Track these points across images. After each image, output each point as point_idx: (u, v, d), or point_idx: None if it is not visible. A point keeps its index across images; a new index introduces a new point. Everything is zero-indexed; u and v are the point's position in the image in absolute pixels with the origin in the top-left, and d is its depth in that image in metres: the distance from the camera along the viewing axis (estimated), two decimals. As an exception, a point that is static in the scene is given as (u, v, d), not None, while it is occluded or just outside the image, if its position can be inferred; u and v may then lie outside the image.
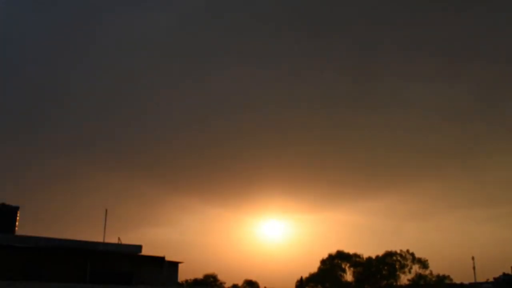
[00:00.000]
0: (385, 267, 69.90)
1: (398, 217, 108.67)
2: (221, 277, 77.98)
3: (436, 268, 68.53)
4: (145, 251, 34.84)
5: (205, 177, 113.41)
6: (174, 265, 35.30)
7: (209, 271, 77.45)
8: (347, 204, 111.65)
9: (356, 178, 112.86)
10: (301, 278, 73.81)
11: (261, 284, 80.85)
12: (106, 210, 38.50)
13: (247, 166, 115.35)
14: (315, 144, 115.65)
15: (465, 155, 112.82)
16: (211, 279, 76.77)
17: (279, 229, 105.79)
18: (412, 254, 69.00)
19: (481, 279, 69.90)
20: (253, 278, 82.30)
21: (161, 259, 33.48)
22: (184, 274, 70.87)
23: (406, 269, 68.60)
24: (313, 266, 72.97)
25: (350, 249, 72.19)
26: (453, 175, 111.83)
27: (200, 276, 76.62)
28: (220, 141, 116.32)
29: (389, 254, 69.94)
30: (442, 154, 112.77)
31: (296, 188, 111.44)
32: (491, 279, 71.43)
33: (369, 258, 70.78)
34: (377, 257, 70.50)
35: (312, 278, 72.57)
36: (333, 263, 71.43)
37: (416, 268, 68.44)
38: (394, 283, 68.89)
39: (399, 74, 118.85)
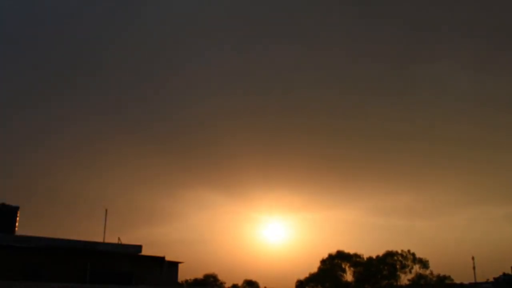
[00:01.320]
0: (386, 267, 69.87)
1: (411, 215, 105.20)
2: (221, 277, 78.09)
3: (437, 268, 68.61)
4: (148, 250, 34.99)
5: (209, 171, 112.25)
6: (174, 265, 35.25)
7: (209, 271, 77.58)
8: (356, 202, 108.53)
9: (370, 172, 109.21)
10: (301, 281, 73.76)
11: (261, 284, 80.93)
12: (106, 210, 38.54)
13: (256, 156, 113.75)
14: (330, 133, 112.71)
15: (493, 149, 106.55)
16: (211, 279, 76.79)
17: (281, 227, 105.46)
18: (413, 254, 69.03)
19: (481, 279, 69.88)
20: (253, 278, 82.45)
21: (161, 259, 33.42)
22: (184, 274, 71.01)
23: (407, 269, 68.63)
24: (314, 266, 73.05)
25: (358, 248, 72.19)
26: (475, 170, 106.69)
27: (200, 276, 76.74)
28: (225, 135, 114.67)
29: (389, 254, 69.93)
30: (466, 147, 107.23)
31: (303, 183, 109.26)
32: (491, 279, 71.37)
33: (370, 258, 70.77)
34: (377, 257, 70.49)
35: (312, 278, 72.55)
36: (333, 263, 71.42)
37: (416, 268, 68.48)
38: (395, 283, 68.86)
39: (434, 58, 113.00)
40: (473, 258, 66.81)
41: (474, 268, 66.35)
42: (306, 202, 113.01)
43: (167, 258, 34.09)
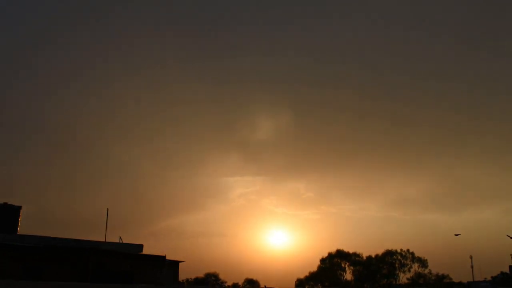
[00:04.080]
0: (385, 266, 70.21)
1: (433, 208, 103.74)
2: (222, 276, 78.33)
3: (435, 267, 68.87)
4: (148, 249, 35.25)
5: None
6: (175, 264, 35.56)
7: (210, 269, 77.79)
8: (372, 195, 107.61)
9: (390, 162, 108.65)
10: (301, 280, 74.03)
11: (261, 283, 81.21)
12: (108, 210, 38.97)
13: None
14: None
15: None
16: (212, 277, 77.03)
17: (291, 223, 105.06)
18: (412, 253, 69.37)
19: (478, 278, 70.07)
20: (254, 277, 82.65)
21: (162, 258, 33.73)
22: (185, 273, 71.32)
23: (406, 268, 68.99)
24: (313, 266, 73.33)
25: (365, 246, 72.37)
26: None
27: (201, 275, 77.00)
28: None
29: (388, 253, 70.26)
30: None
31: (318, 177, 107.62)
32: (489, 278, 71.63)
33: (369, 257, 71.10)
34: (376, 256, 70.84)
35: (312, 276, 72.86)
36: (333, 262, 71.72)
37: (415, 267, 68.82)
38: (394, 282, 69.18)
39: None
40: (471, 257, 67.12)
41: (472, 267, 66.69)
42: (320, 197, 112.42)
43: (168, 257, 34.45)
